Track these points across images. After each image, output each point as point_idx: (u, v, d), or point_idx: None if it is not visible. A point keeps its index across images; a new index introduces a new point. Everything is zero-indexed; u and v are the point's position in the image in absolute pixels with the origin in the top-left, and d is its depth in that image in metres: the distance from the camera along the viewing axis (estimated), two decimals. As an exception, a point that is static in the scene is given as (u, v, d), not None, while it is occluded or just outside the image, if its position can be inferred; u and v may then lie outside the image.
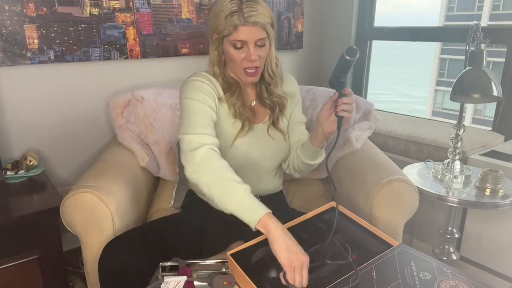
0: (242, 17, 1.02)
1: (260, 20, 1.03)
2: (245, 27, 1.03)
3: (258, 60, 1.09)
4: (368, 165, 1.38)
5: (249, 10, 1.02)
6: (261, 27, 1.05)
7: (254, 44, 1.06)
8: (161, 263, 1.00)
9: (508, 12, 12.03)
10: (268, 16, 1.06)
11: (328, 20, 2.33)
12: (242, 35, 1.04)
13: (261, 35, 1.06)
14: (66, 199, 1.14)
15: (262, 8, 1.05)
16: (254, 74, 1.11)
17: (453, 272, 0.87)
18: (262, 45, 1.08)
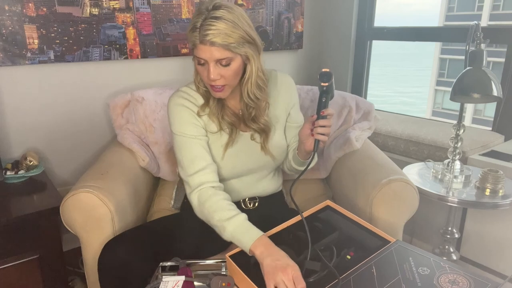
0: (200, 35, 0.97)
1: (218, 41, 0.96)
2: (202, 46, 0.98)
3: (220, 79, 1.02)
4: (368, 165, 1.38)
5: (207, 28, 0.96)
6: (222, 47, 0.97)
7: (214, 64, 1.00)
8: (161, 263, 1.00)
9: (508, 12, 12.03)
10: (233, 36, 0.97)
11: (328, 20, 2.33)
12: (201, 53, 0.99)
13: (220, 55, 0.98)
14: (66, 199, 1.14)
15: (226, 27, 0.96)
16: (220, 90, 1.06)
17: (451, 267, 0.87)
18: (226, 64, 1.01)
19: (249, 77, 1.07)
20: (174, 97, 1.15)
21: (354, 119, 1.64)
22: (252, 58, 1.04)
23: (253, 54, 1.04)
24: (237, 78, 1.07)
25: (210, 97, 1.13)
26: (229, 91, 1.08)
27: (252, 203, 1.25)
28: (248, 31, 1.01)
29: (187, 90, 1.15)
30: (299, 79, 2.36)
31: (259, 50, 1.07)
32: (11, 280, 1.28)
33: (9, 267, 1.27)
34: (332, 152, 1.54)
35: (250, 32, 1.02)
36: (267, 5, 2.08)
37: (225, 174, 1.17)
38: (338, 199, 1.46)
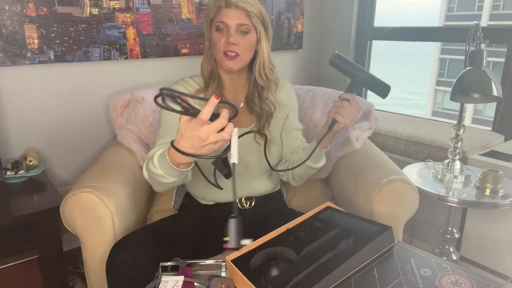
0: (227, 0, 1.07)
1: (243, 5, 1.06)
2: (227, 9, 1.07)
3: (238, 45, 1.08)
4: (368, 165, 1.38)
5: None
6: (244, 13, 1.07)
7: (235, 28, 1.07)
8: (161, 263, 1.00)
9: (508, 12, 12.03)
10: (255, 7, 1.08)
11: (328, 20, 2.33)
12: (224, 16, 1.07)
13: (243, 20, 1.07)
14: (66, 199, 1.14)
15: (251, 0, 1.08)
16: (233, 58, 1.09)
17: (453, 268, 0.87)
18: (245, 32, 1.08)
19: (260, 57, 1.14)
20: (173, 85, 1.21)
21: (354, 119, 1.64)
22: (263, 40, 1.13)
23: (265, 36, 1.12)
24: (250, 53, 1.12)
25: (210, 83, 1.17)
26: (240, 65, 1.12)
27: (249, 202, 1.25)
28: (264, 14, 1.12)
29: (187, 80, 1.21)
30: (299, 79, 2.36)
31: (269, 37, 1.15)
32: (11, 280, 1.28)
33: (9, 267, 1.27)
34: (332, 152, 1.54)
35: (265, 16, 1.12)
36: (267, 5, 2.08)
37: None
38: (338, 199, 1.46)
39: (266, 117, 1.20)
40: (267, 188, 1.28)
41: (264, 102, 1.18)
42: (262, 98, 1.18)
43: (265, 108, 1.19)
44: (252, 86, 1.19)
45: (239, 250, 0.91)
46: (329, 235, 0.99)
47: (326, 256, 0.90)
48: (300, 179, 1.27)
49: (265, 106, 1.19)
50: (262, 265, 0.91)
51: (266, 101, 1.19)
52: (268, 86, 1.18)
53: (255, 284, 0.84)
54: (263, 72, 1.15)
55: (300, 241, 0.97)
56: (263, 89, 1.18)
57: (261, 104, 1.18)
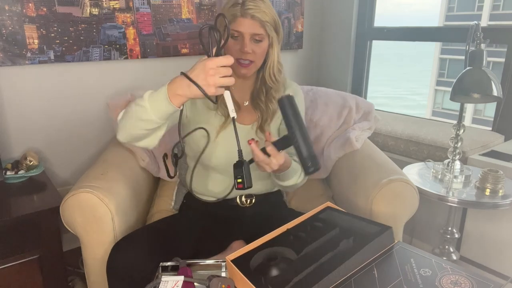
0: (242, 9, 1.06)
1: (259, 16, 1.06)
2: (243, 18, 1.07)
3: (252, 54, 1.09)
4: (368, 165, 1.38)
5: (250, 4, 1.06)
6: (259, 23, 1.07)
7: (250, 37, 1.08)
8: (161, 263, 1.00)
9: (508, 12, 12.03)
10: (269, 16, 1.08)
11: (328, 20, 2.33)
12: (239, 26, 1.07)
13: (257, 30, 1.08)
14: (66, 199, 1.14)
15: (265, 7, 1.08)
16: (247, 66, 1.11)
17: (453, 268, 0.87)
18: (259, 41, 1.09)
19: (271, 60, 1.15)
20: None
21: (354, 119, 1.64)
22: (275, 44, 1.14)
23: (276, 40, 1.14)
24: (262, 59, 1.14)
25: None
26: (253, 70, 1.15)
27: (249, 200, 1.25)
28: (276, 19, 1.12)
29: None
30: (299, 79, 2.36)
31: (280, 39, 1.16)
32: (11, 280, 1.28)
33: (9, 267, 1.27)
34: (332, 152, 1.54)
35: (278, 20, 1.13)
36: (267, 5, 2.08)
37: (217, 161, 1.17)
38: (338, 199, 1.46)
39: (269, 114, 1.21)
40: (267, 187, 1.28)
41: (270, 100, 1.20)
42: (269, 96, 1.20)
43: (270, 105, 1.20)
44: (260, 83, 1.20)
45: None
46: (329, 235, 0.99)
47: (326, 256, 0.90)
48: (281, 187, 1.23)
49: (270, 104, 1.20)
50: (262, 265, 0.91)
51: (273, 99, 1.20)
52: (276, 87, 1.20)
53: (255, 284, 0.84)
54: (273, 74, 1.17)
55: (300, 241, 0.97)
56: (271, 89, 1.20)
57: (267, 102, 1.20)
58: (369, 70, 2.31)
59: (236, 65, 1.11)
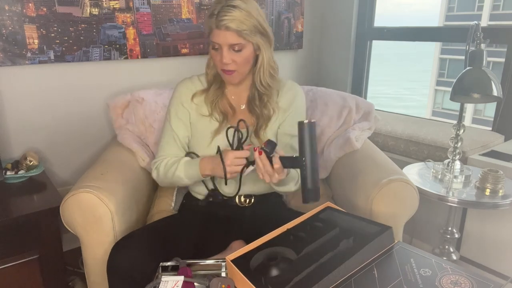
0: (217, 20, 1.05)
1: (232, 26, 1.04)
2: (218, 30, 1.06)
3: (232, 64, 1.10)
4: (368, 165, 1.38)
5: (223, 14, 1.04)
6: (235, 33, 1.05)
7: (227, 48, 1.07)
8: (161, 263, 1.00)
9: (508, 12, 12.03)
10: (246, 23, 1.05)
11: (328, 20, 2.33)
12: (216, 37, 1.08)
13: (234, 40, 1.06)
14: (66, 199, 1.14)
15: (241, 15, 1.05)
16: (230, 74, 1.12)
17: (453, 268, 0.87)
18: (238, 50, 1.08)
19: (261, 65, 1.15)
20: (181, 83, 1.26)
21: (354, 119, 1.64)
22: (263, 48, 1.12)
23: (264, 44, 1.12)
24: (248, 65, 1.13)
25: (213, 83, 1.21)
26: (239, 78, 1.15)
27: (248, 200, 1.25)
28: (260, 22, 1.09)
29: (194, 79, 1.25)
30: (299, 79, 2.36)
31: (270, 41, 1.14)
32: (11, 280, 1.28)
33: (9, 267, 1.27)
34: (332, 152, 1.54)
35: (262, 23, 1.10)
36: (267, 5, 2.08)
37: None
38: (338, 199, 1.46)
39: (264, 120, 1.21)
40: (266, 188, 1.28)
41: (264, 106, 1.20)
42: (262, 101, 1.20)
43: (264, 111, 1.20)
44: (254, 89, 1.20)
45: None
46: (329, 235, 0.99)
47: (326, 256, 0.90)
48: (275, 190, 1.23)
49: (264, 109, 1.20)
50: (262, 265, 0.91)
51: (267, 104, 1.20)
52: (268, 92, 1.19)
53: (255, 284, 0.84)
54: (263, 79, 1.16)
55: (300, 241, 0.97)
56: (264, 94, 1.19)
57: (262, 107, 1.20)
58: (369, 70, 2.31)
59: (221, 73, 1.13)
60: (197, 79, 1.25)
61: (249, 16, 1.06)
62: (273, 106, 1.21)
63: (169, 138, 1.23)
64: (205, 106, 1.21)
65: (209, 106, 1.21)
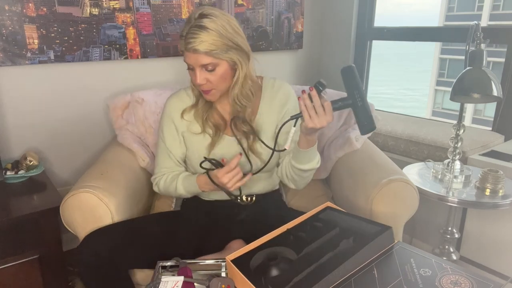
0: (185, 43, 1.05)
1: (199, 48, 1.02)
2: (188, 53, 1.06)
3: (207, 84, 1.09)
4: (368, 165, 1.38)
5: (190, 37, 1.03)
6: (203, 54, 1.04)
7: (200, 69, 1.07)
8: (161, 263, 1.00)
9: (508, 12, 12.03)
10: (215, 43, 1.03)
11: (328, 20, 2.33)
12: (187, 59, 1.08)
13: (204, 61, 1.05)
14: (66, 199, 1.14)
15: (208, 37, 1.02)
16: (208, 93, 1.12)
17: (453, 268, 0.87)
18: (211, 69, 1.07)
19: (235, 83, 1.12)
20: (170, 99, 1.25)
21: (354, 119, 1.64)
22: (239, 63, 1.09)
23: (240, 59, 1.09)
24: (225, 82, 1.11)
25: (201, 98, 1.19)
26: (218, 95, 1.13)
27: (249, 198, 1.25)
28: (232, 39, 1.06)
29: (182, 94, 1.24)
30: (299, 79, 2.36)
31: (247, 56, 1.11)
32: (11, 280, 1.28)
33: (9, 267, 1.27)
34: (332, 152, 1.54)
35: (235, 39, 1.06)
36: (267, 5, 2.08)
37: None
38: (338, 199, 1.46)
39: (253, 138, 1.18)
40: (267, 187, 1.29)
41: (245, 124, 1.17)
42: (243, 120, 1.17)
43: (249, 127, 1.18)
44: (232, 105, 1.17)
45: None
46: (329, 235, 0.99)
47: (326, 256, 0.90)
48: (295, 181, 1.22)
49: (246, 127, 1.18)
50: (262, 265, 0.91)
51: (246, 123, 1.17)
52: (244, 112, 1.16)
53: (255, 284, 0.84)
54: (237, 98, 1.13)
55: (300, 241, 0.97)
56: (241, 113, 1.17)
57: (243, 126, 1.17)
58: (369, 70, 2.31)
59: (202, 92, 1.13)
60: (185, 94, 1.23)
61: (219, 36, 1.03)
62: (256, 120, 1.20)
63: (165, 156, 1.24)
64: (196, 123, 1.20)
65: (200, 122, 1.19)
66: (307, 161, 1.13)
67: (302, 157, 1.13)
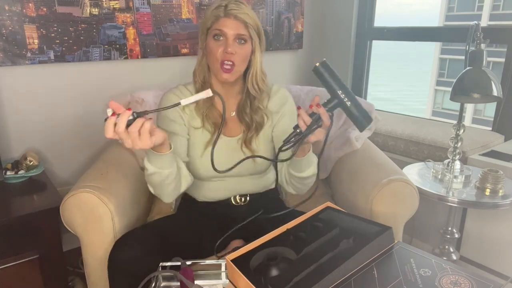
0: (226, 10, 1.07)
1: (242, 17, 1.07)
2: (226, 19, 1.07)
3: (235, 55, 1.08)
4: (368, 165, 1.38)
5: (234, 6, 1.07)
6: (243, 23, 1.07)
7: (233, 38, 1.08)
8: (161, 263, 1.00)
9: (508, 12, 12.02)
10: (252, 19, 1.09)
11: (328, 20, 2.33)
12: (222, 25, 1.07)
13: (241, 30, 1.08)
14: (66, 199, 1.14)
15: (248, 10, 1.09)
16: (229, 71, 1.08)
17: (453, 268, 0.87)
18: (243, 42, 1.09)
19: (253, 68, 1.14)
20: (167, 94, 1.21)
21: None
22: (257, 51, 1.13)
23: (259, 47, 1.13)
24: (244, 64, 1.12)
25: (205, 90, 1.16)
26: (235, 76, 1.12)
27: (243, 198, 1.25)
28: (260, 25, 1.13)
29: (181, 88, 1.21)
30: (299, 79, 2.36)
31: (262, 47, 1.15)
32: (11, 280, 1.28)
33: (9, 267, 1.27)
34: (332, 152, 1.54)
35: (261, 27, 1.14)
36: (267, 5, 2.09)
37: (203, 173, 1.19)
38: (338, 199, 1.46)
39: (256, 128, 1.19)
40: (261, 186, 1.28)
41: (255, 112, 1.18)
42: (253, 107, 1.18)
43: (255, 118, 1.18)
44: (245, 96, 1.18)
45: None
46: (329, 235, 0.99)
47: (326, 256, 0.90)
48: (297, 188, 1.21)
49: (256, 116, 1.18)
50: (262, 265, 0.91)
51: (258, 110, 1.19)
52: (260, 96, 1.19)
53: (255, 284, 0.84)
54: (255, 82, 1.15)
55: (300, 241, 0.97)
56: (255, 99, 1.18)
57: (252, 114, 1.18)
58: (369, 70, 2.31)
59: (218, 69, 1.09)
60: (185, 89, 1.20)
61: (254, 15, 1.10)
62: (265, 112, 1.20)
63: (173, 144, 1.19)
64: (197, 118, 1.19)
65: (200, 117, 1.18)
66: (305, 167, 1.12)
67: (300, 165, 1.11)
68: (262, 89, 1.17)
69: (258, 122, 1.19)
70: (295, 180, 1.16)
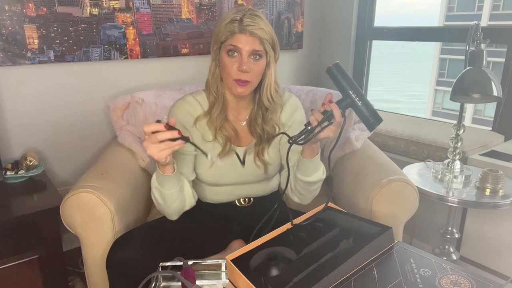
0: (241, 25, 1.03)
1: (258, 33, 1.03)
2: (241, 35, 1.03)
3: (250, 73, 1.05)
4: (368, 165, 1.38)
5: (249, 21, 1.03)
6: (258, 40, 1.04)
7: (248, 55, 1.04)
8: (161, 263, 1.00)
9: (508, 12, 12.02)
10: (267, 34, 1.05)
11: (328, 20, 2.33)
12: (237, 41, 1.03)
13: (256, 46, 1.04)
14: (66, 199, 1.14)
15: (264, 24, 1.05)
16: (244, 85, 1.07)
17: (453, 268, 0.87)
18: (257, 58, 1.06)
19: (268, 80, 1.12)
20: (175, 107, 1.16)
21: (354, 119, 1.64)
22: (272, 63, 1.11)
23: (273, 59, 1.11)
24: (259, 78, 1.11)
25: (215, 105, 1.14)
26: (249, 90, 1.10)
27: (247, 199, 1.25)
28: (275, 36, 1.10)
29: (190, 100, 1.16)
30: (299, 79, 2.36)
31: (277, 58, 1.13)
32: (11, 280, 1.28)
33: (9, 267, 1.27)
34: (332, 152, 1.54)
35: (276, 38, 1.10)
36: (267, 5, 2.09)
37: (211, 182, 1.19)
38: (338, 199, 1.46)
39: (267, 139, 1.17)
40: (265, 191, 1.28)
41: (267, 123, 1.17)
42: (266, 119, 1.16)
43: (267, 129, 1.16)
44: (257, 106, 1.16)
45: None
46: (329, 235, 0.99)
47: (326, 256, 0.90)
48: (302, 195, 1.20)
49: (267, 127, 1.17)
50: (262, 265, 0.91)
51: (270, 122, 1.17)
52: (273, 108, 1.16)
53: (255, 284, 0.84)
54: (269, 94, 1.13)
55: (300, 241, 0.97)
56: (267, 110, 1.16)
57: (264, 125, 1.16)
58: (369, 70, 2.31)
59: (233, 84, 1.07)
60: (194, 100, 1.16)
61: (269, 28, 1.07)
62: (276, 122, 1.18)
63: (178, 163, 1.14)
64: (209, 131, 1.15)
65: (212, 130, 1.15)
66: (312, 171, 1.11)
67: (307, 168, 1.10)
68: (275, 101, 1.15)
69: (269, 133, 1.17)
70: (300, 185, 1.15)
